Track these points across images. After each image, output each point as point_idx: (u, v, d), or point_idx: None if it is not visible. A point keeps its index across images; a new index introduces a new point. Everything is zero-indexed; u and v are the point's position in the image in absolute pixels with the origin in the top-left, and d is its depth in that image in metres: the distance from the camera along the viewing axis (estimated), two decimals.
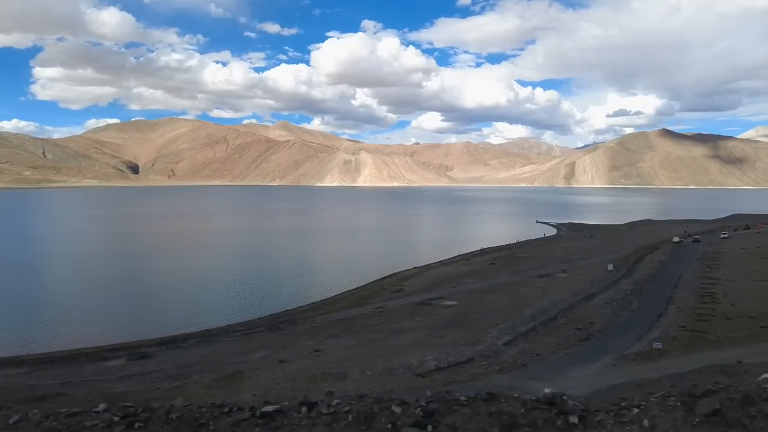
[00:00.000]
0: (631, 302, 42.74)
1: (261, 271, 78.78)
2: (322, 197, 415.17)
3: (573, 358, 29.24)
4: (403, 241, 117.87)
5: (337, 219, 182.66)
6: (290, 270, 78.97)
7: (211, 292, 64.04)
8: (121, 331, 46.12)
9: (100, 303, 57.36)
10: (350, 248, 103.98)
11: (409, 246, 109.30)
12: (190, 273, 76.72)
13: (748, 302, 39.61)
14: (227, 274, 76.23)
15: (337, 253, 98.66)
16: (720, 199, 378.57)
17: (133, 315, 52.82)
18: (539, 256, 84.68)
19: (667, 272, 56.08)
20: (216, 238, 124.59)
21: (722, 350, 28.35)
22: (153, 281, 71.80)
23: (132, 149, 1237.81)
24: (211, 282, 70.45)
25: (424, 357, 30.63)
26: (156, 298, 61.06)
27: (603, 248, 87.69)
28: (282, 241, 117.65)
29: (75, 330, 47.46)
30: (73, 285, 68.01)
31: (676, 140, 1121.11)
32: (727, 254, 66.38)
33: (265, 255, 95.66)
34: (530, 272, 67.16)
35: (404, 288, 63.58)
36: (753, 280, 47.63)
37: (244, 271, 78.47)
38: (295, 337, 43.37)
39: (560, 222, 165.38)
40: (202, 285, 68.24)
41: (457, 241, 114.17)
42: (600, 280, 54.20)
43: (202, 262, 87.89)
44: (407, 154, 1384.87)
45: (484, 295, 53.82)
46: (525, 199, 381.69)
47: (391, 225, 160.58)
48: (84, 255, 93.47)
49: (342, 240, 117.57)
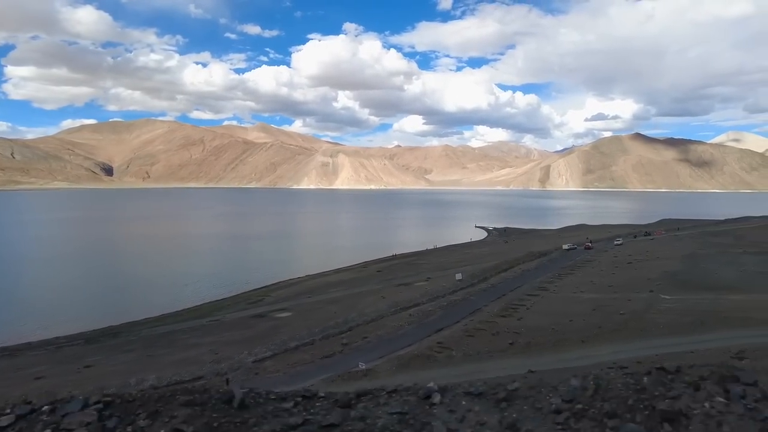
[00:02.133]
0: (433, 314, 42.47)
1: (133, 277, 77.55)
2: (286, 200, 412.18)
3: (291, 377, 28.68)
4: (320, 247, 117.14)
5: (272, 223, 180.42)
6: (171, 277, 77.59)
7: (54, 298, 63.06)
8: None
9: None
10: (255, 254, 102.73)
11: (322, 251, 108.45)
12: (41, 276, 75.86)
13: (540, 316, 39.62)
14: (86, 279, 75.18)
15: (235, 259, 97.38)
16: (677, 203, 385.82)
17: None
18: (431, 263, 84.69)
19: (513, 282, 56.15)
20: (111, 243, 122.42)
21: (434, 371, 28.02)
22: None
23: (106, 150, 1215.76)
24: (58, 287, 69.70)
25: (147, 376, 29.76)
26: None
27: (499, 254, 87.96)
28: (187, 247, 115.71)
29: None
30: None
31: (648, 144, 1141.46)
32: (594, 263, 66.93)
33: (160, 261, 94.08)
34: (400, 280, 66.94)
35: (265, 299, 62.73)
36: (574, 292, 47.82)
37: (112, 277, 77.19)
38: (91, 351, 42.25)
39: (496, 227, 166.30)
40: (47, 289, 67.57)
41: (376, 247, 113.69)
42: (441, 289, 54.07)
43: (57, 265, 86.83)
44: (387, 156, 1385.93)
45: (324, 306, 53.27)
46: (488, 203, 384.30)
47: (320, 229, 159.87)
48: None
49: (254, 245, 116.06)
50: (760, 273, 48.63)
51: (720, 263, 55.07)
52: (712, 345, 27.77)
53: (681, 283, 46.44)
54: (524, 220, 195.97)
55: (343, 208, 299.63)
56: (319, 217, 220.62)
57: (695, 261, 57.69)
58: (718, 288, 43.19)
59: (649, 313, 36.82)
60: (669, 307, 38.54)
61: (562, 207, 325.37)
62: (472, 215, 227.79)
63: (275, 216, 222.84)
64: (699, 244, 73.48)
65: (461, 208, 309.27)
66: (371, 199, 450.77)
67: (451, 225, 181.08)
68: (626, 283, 49.14)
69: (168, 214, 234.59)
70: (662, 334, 31.11)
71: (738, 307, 35.48)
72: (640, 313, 36.75)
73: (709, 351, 26.50)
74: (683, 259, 59.76)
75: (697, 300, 39.72)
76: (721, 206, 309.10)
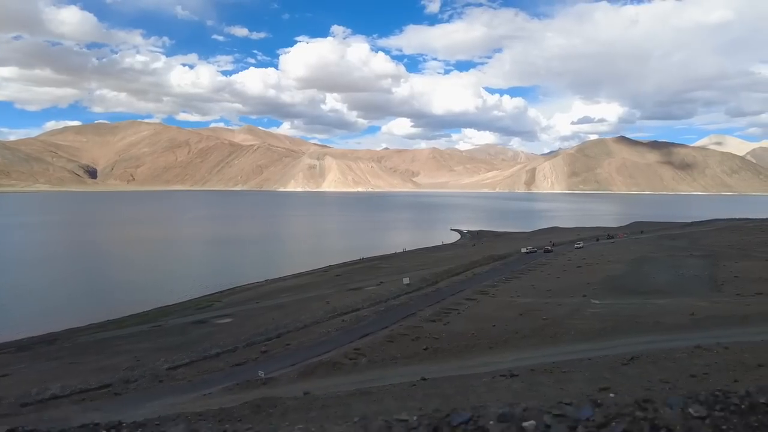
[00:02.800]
0: (366, 319, 42.44)
1: (90, 282, 76.55)
2: (268, 203, 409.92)
3: (193, 385, 28.43)
4: (287, 250, 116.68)
5: (245, 227, 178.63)
6: (127, 282, 76.75)
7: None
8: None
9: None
10: (220, 258, 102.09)
11: (288, 255, 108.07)
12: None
13: (467, 321, 39.75)
14: (40, 285, 74.10)
15: (198, 263, 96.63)
16: (657, 205, 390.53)
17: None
18: (393, 267, 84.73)
19: (459, 286, 56.33)
20: (73, 247, 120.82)
21: (336, 378, 27.98)
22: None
23: (90, 153, 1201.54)
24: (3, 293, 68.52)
25: (53, 385, 29.34)
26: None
27: (460, 257, 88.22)
28: (152, 251, 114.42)
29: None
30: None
31: (632, 147, 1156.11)
32: (546, 267, 67.40)
33: (121, 265, 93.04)
34: (354, 284, 66.87)
35: (214, 304, 62.25)
36: (512, 297, 48.09)
37: (67, 282, 76.12)
38: (18, 359, 41.60)
39: (471, 230, 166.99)
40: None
41: (346, 250, 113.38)
42: (386, 294, 54.10)
43: (7, 270, 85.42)
44: (374, 159, 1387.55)
45: (266, 312, 53.00)
46: (470, 205, 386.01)
47: (293, 233, 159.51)
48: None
49: (221, 249, 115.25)
50: (695, 276, 49.30)
51: (663, 267, 55.75)
52: (612, 351, 27.92)
53: (616, 288, 46.91)
54: (500, 223, 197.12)
55: (323, 210, 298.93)
56: (295, 220, 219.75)
57: (640, 264, 58.36)
58: (650, 292, 43.70)
59: (572, 319, 37.08)
60: (594, 312, 38.87)
61: (542, 209, 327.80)
62: (451, 218, 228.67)
63: (251, 219, 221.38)
64: (653, 248, 74.41)
65: (442, 210, 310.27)
66: (355, 202, 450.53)
67: (428, 228, 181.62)
68: (565, 288, 49.54)
69: (142, 217, 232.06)
70: (572, 341, 31.30)
71: (655, 312, 35.91)
72: (561, 318, 37.00)
73: (606, 358, 26.72)
74: (630, 263, 60.43)
75: (623, 305, 40.11)
76: (696, 209, 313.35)
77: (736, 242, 72.17)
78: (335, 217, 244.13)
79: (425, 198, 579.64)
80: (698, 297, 39.86)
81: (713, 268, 51.33)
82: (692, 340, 27.95)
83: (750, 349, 23.45)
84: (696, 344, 26.69)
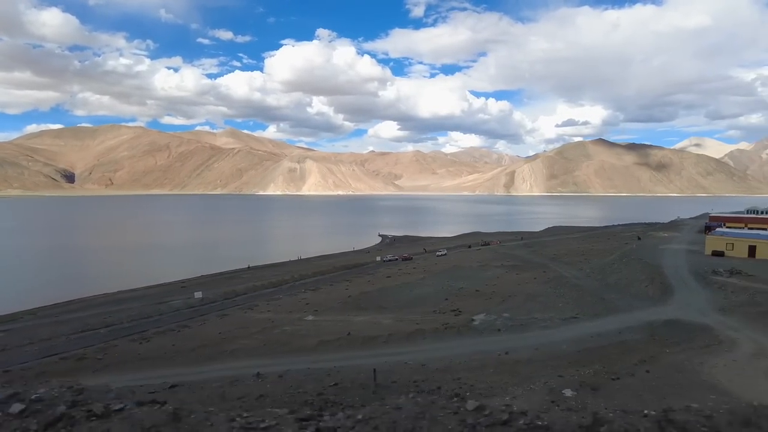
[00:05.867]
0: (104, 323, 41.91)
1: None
2: (231, 207, 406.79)
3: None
4: (175, 258, 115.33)
5: (157, 233, 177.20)
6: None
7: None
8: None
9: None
10: (89, 267, 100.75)
11: (168, 264, 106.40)
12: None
13: (170, 340, 39.31)
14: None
15: (50, 273, 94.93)
16: (622, 207, 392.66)
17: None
18: (255, 277, 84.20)
19: (250, 299, 56.04)
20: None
21: None
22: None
23: (68, 157, 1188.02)
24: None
25: None
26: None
27: (327, 266, 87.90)
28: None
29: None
30: None
31: (610, 149, 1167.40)
32: (365, 277, 67.40)
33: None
34: (160, 300, 66.20)
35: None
36: (262, 312, 47.79)
37: None
38: None
39: (396, 235, 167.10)
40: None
41: (239, 258, 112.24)
42: (157, 310, 53.62)
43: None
44: (357, 162, 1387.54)
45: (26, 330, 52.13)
46: (430, 208, 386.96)
47: (200, 239, 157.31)
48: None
49: (99, 256, 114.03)
50: (459, 290, 48.87)
51: (449, 278, 55.55)
52: (271, 369, 27.02)
53: (357, 303, 46.48)
54: (433, 228, 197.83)
55: (273, 215, 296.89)
56: (225, 226, 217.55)
57: (436, 276, 58.28)
58: (381, 308, 43.36)
59: (258, 335, 36.78)
60: (283, 329, 38.37)
61: (497, 213, 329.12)
62: (390, 222, 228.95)
63: (177, 225, 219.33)
64: (490, 257, 74.48)
65: (395, 214, 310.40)
66: (320, 206, 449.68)
67: (356, 233, 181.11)
68: (323, 302, 49.29)
69: (58, 224, 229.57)
70: (256, 355, 30.71)
71: (329, 330, 35.61)
72: (252, 334, 36.75)
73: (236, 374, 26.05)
74: (434, 274, 60.33)
75: (327, 321, 39.88)
76: (655, 211, 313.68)
77: (574, 250, 72.42)
78: (276, 221, 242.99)
79: (396, 201, 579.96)
80: (402, 313, 39.67)
81: (484, 282, 51.31)
82: (281, 366, 27.61)
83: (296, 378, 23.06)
84: (256, 372, 26.41)
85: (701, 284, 34.83)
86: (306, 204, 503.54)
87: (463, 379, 20.00)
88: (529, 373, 20.72)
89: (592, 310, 32.20)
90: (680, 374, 19.46)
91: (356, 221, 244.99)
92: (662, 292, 33.91)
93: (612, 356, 23.10)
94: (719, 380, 18.39)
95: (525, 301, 37.98)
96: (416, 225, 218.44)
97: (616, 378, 18.79)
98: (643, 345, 23.99)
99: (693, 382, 18.51)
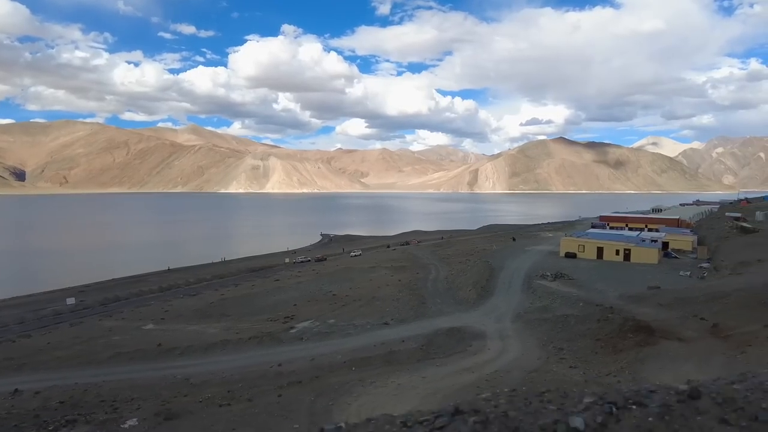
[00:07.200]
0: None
1: None
2: (180, 207, 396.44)
3: None
4: (85, 261, 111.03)
5: (81, 234, 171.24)
6: None
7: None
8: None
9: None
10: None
11: (72, 268, 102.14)
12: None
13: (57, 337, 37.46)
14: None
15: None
16: (575, 204, 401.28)
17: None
18: (165, 280, 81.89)
19: (132, 302, 54.30)
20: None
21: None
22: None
23: (18, 154, 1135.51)
24: None
25: None
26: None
27: (233, 268, 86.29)
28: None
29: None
30: None
31: (570, 147, 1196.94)
32: (269, 279, 66.27)
33: None
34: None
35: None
36: (116, 321, 46.19)
37: None
38: None
39: (338, 234, 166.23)
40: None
41: (163, 259, 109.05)
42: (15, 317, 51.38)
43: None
44: (324, 160, 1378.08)
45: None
46: (386, 206, 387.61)
47: (128, 239, 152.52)
48: None
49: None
50: (324, 294, 48.27)
51: (328, 282, 54.93)
52: (37, 385, 25.67)
53: (220, 309, 45.49)
54: (379, 227, 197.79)
55: (215, 215, 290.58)
56: (167, 225, 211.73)
57: (319, 279, 57.73)
58: (227, 315, 42.12)
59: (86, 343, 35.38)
60: (131, 337, 37.14)
61: (453, 211, 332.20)
62: (343, 221, 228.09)
63: (116, 226, 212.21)
64: (393, 257, 74.18)
65: (351, 213, 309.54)
66: (277, 204, 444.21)
67: (298, 232, 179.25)
68: (185, 309, 48.04)
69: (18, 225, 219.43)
70: (45, 369, 29.26)
71: (141, 341, 34.47)
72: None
73: None
74: (319, 277, 59.73)
75: (166, 330, 38.79)
76: (603, 208, 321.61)
77: (467, 251, 72.61)
78: (225, 221, 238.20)
79: (359, 199, 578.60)
80: (239, 322, 38.96)
81: (354, 285, 50.98)
82: (48, 382, 26.44)
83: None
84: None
85: (522, 289, 35.38)
86: (266, 202, 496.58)
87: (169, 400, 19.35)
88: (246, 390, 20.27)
89: (404, 316, 32.22)
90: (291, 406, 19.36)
91: (306, 220, 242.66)
92: (479, 296, 34.26)
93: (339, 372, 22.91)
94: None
95: (362, 306, 37.82)
96: (366, 224, 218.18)
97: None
98: (378, 359, 23.88)
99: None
